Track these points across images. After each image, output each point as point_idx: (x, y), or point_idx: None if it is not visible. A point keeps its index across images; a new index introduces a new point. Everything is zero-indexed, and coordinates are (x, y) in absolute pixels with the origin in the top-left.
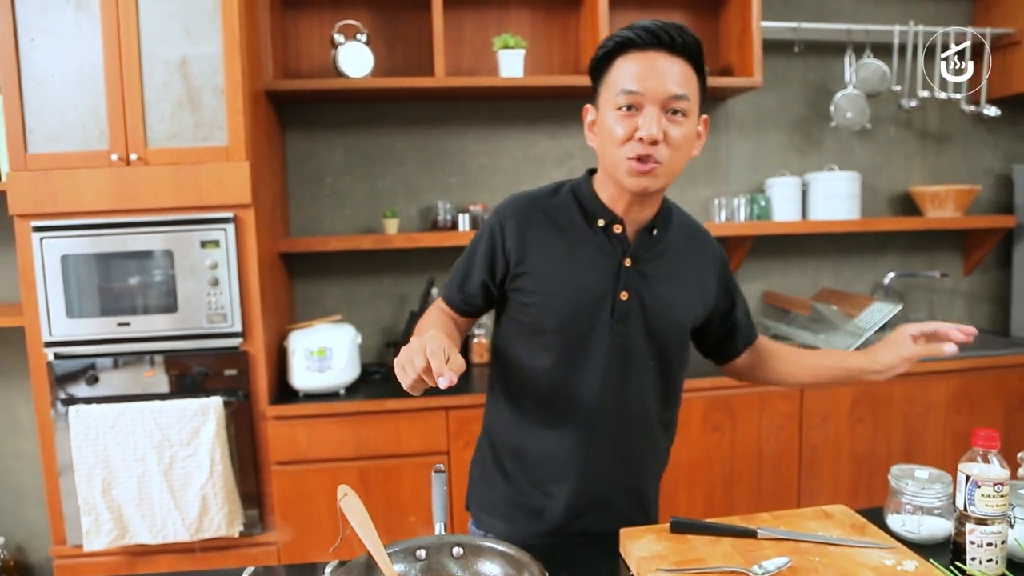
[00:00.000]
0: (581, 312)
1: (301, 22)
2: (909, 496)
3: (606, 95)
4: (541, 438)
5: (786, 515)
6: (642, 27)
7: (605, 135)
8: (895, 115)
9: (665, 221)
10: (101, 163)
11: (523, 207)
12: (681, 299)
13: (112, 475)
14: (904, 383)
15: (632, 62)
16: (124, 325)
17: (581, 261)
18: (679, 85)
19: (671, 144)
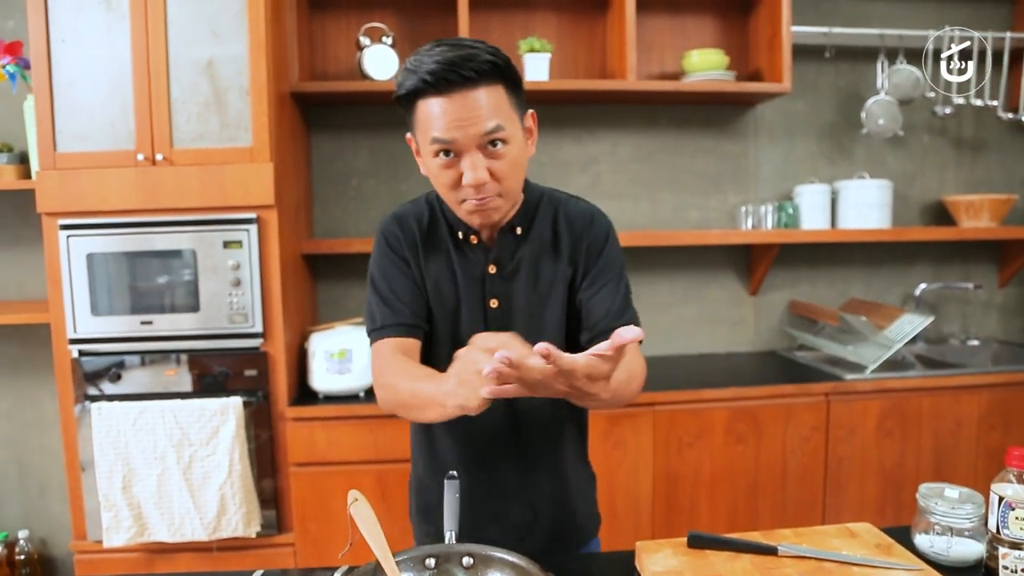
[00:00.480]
0: (463, 323)
1: (327, 25)
2: (938, 516)
3: (420, 136)
4: (447, 451)
5: (808, 532)
6: (429, 72)
7: (433, 179)
8: (929, 122)
9: (529, 214)
10: (128, 163)
11: (409, 221)
12: (548, 295)
13: (132, 472)
14: (934, 397)
15: (436, 106)
16: (147, 324)
17: (454, 273)
18: (491, 116)
19: (500, 176)
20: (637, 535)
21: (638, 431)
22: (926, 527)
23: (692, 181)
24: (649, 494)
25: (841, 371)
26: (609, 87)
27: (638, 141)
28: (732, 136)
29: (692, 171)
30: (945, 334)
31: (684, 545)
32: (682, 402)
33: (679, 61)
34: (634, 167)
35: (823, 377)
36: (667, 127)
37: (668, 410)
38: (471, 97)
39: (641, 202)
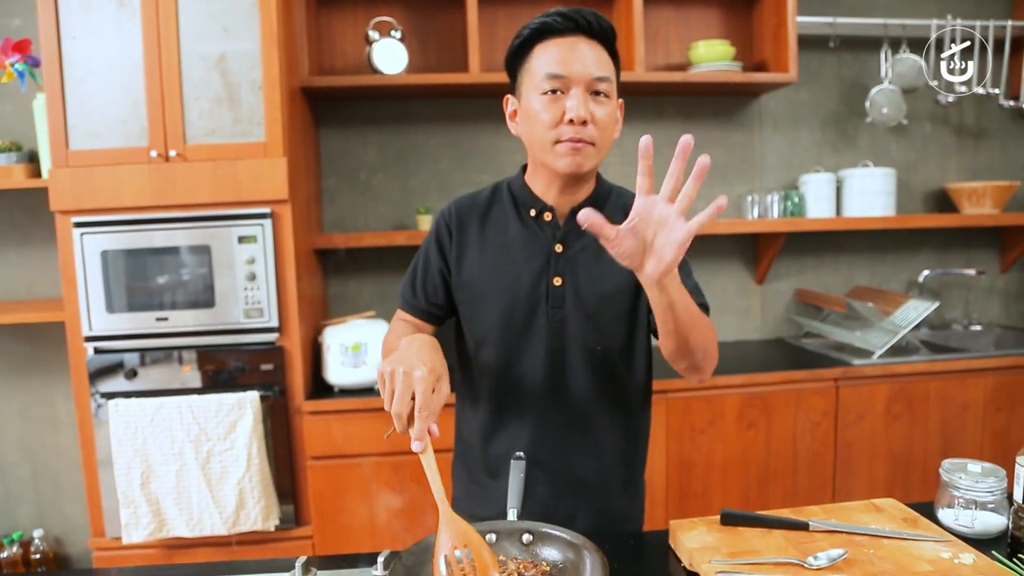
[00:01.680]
0: (517, 304)
1: (335, 19)
2: (962, 490)
3: (528, 81)
4: (496, 435)
5: (836, 508)
6: (558, 13)
7: (532, 120)
8: (932, 111)
9: (600, 203)
10: (140, 159)
11: (463, 208)
12: (616, 280)
13: (150, 468)
14: (941, 381)
15: (553, 47)
16: (162, 320)
17: (513, 253)
18: (600, 67)
19: (599, 124)
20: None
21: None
22: (949, 501)
23: None
24: (663, 480)
25: (848, 356)
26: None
27: (645, 132)
28: (738, 126)
29: None
30: (948, 320)
31: (717, 523)
32: (694, 389)
33: (685, 52)
34: None
35: (831, 363)
36: (674, 118)
37: (681, 397)
38: (588, 45)
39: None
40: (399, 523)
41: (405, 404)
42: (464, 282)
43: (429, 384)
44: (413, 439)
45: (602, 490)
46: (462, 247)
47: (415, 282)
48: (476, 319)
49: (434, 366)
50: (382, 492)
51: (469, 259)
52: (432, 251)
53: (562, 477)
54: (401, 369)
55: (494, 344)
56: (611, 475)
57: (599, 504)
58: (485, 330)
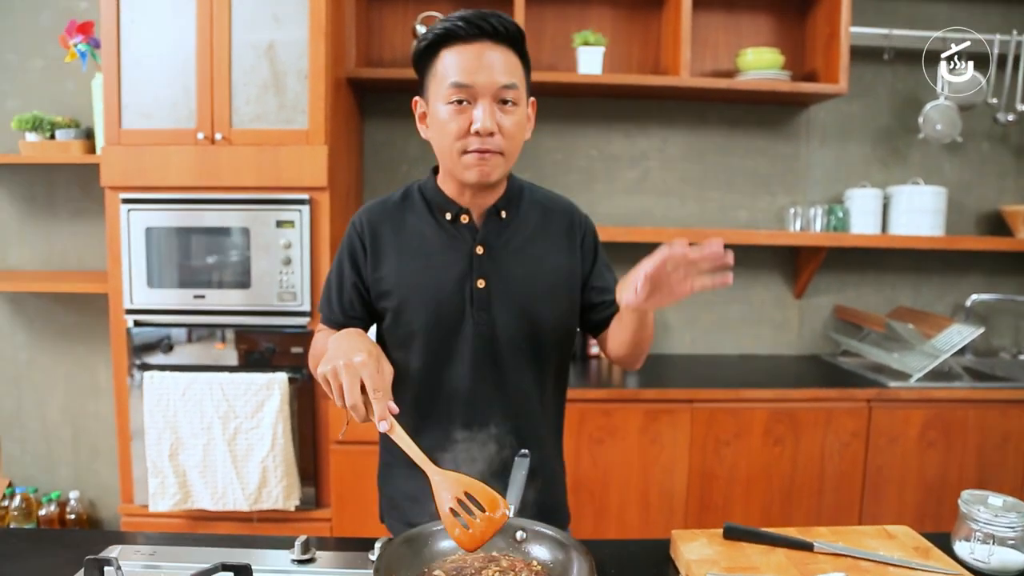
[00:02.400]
0: (443, 308)
1: (385, 12)
2: (981, 523)
3: (435, 88)
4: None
5: (845, 531)
6: (461, 18)
7: (439, 129)
8: (989, 129)
9: (514, 202)
10: (188, 141)
11: (376, 215)
12: (540, 278)
13: (179, 441)
14: (981, 409)
15: (458, 54)
16: (199, 298)
17: (434, 258)
18: (507, 74)
19: (506, 133)
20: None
21: (676, 427)
22: (967, 534)
23: (741, 181)
24: (683, 490)
25: (885, 378)
26: (662, 83)
27: (688, 139)
28: (784, 136)
29: (741, 170)
30: (996, 347)
31: (720, 536)
32: (721, 400)
33: (733, 59)
34: (683, 165)
35: (866, 383)
36: (718, 125)
37: (707, 408)
38: (494, 51)
39: (689, 200)
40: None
41: (357, 394)
42: (384, 291)
43: (372, 367)
44: (377, 421)
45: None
46: (377, 255)
47: (331, 296)
48: (399, 325)
49: (369, 349)
50: None
51: (387, 267)
52: (345, 264)
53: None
54: (341, 362)
55: (418, 350)
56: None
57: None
58: (408, 336)
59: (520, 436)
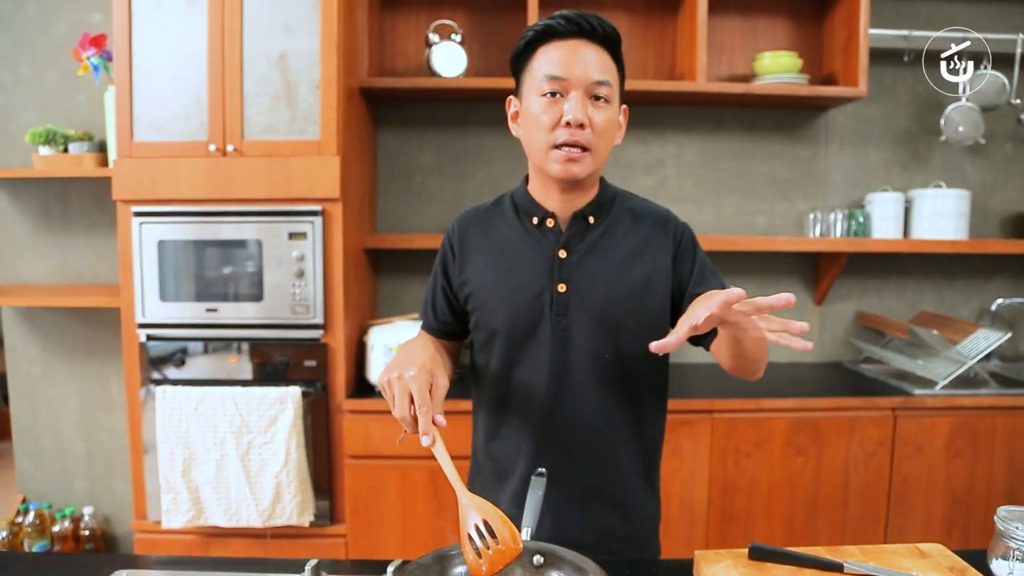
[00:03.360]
0: (522, 311)
1: (398, 21)
2: (1019, 541)
3: (529, 83)
4: (501, 442)
5: (876, 550)
6: (562, 16)
7: (530, 122)
8: (1013, 130)
9: (603, 208)
10: (199, 153)
11: (466, 221)
12: (624, 286)
13: (192, 456)
14: (1009, 417)
15: (555, 50)
16: (212, 311)
17: (515, 262)
18: (601, 71)
19: (596, 129)
20: (691, 543)
21: (695, 438)
22: (1004, 552)
23: (759, 186)
24: (704, 502)
25: (909, 386)
26: (678, 88)
27: (705, 144)
28: (802, 141)
29: (759, 176)
30: (1023, 352)
31: (745, 556)
32: (741, 410)
33: (750, 63)
34: (700, 171)
35: (890, 391)
36: (735, 130)
37: (727, 418)
38: (591, 49)
39: (706, 207)
40: (433, 527)
41: (406, 407)
42: (469, 293)
43: (423, 381)
44: (420, 435)
45: (613, 503)
46: (464, 261)
47: (427, 302)
48: (480, 327)
49: (424, 363)
50: (417, 496)
51: (473, 270)
52: (438, 271)
53: (570, 490)
54: (395, 374)
55: (497, 352)
56: (622, 487)
57: (610, 518)
58: (488, 338)
59: (593, 453)
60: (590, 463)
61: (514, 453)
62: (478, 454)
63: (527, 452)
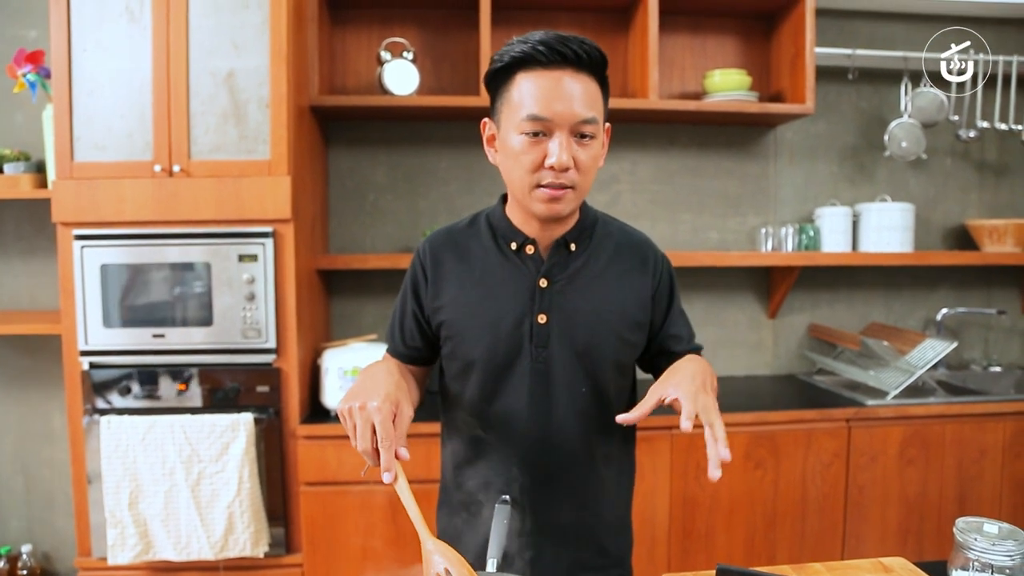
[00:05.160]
0: (500, 341)
1: (348, 39)
2: (977, 552)
3: (509, 115)
4: (474, 473)
5: (840, 567)
6: (542, 42)
7: (511, 159)
8: (952, 146)
9: (584, 235)
10: (144, 174)
11: (439, 242)
12: (607, 317)
13: (140, 488)
14: (958, 424)
15: (535, 82)
16: (159, 337)
17: (494, 288)
18: (587, 106)
19: (581, 168)
20: (652, 562)
21: (656, 455)
22: (964, 563)
23: (712, 202)
24: (665, 519)
25: (862, 396)
26: (631, 106)
27: (658, 161)
28: (753, 157)
29: (712, 192)
30: (967, 360)
31: None
32: (700, 426)
33: (700, 81)
34: (654, 187)
35: (844, 402)
36: (688, 147)
37: (686, 434)
38: (575, 80)
39: (660, 223)
40: (391, 554)
41: (367, 439)
42: (442, 320)
43: (386, 413)
44: (382, 471)
45: (587, 538)
46: (439, 285)
47: (394, 326)
48: (456, 357)
49: (388, 391)
50: (375, 521)
51: (447, 295)
52: (408, 293)
53: (543, 523)
54: (357, 404)
55: (474, 382)
56: (598, 521)
57: (584, 552)
58: (465, 368)
59: (573, 480)
60: (567, 496)
61: (488, 485)
62: (447, 483)
63: (501, 485)
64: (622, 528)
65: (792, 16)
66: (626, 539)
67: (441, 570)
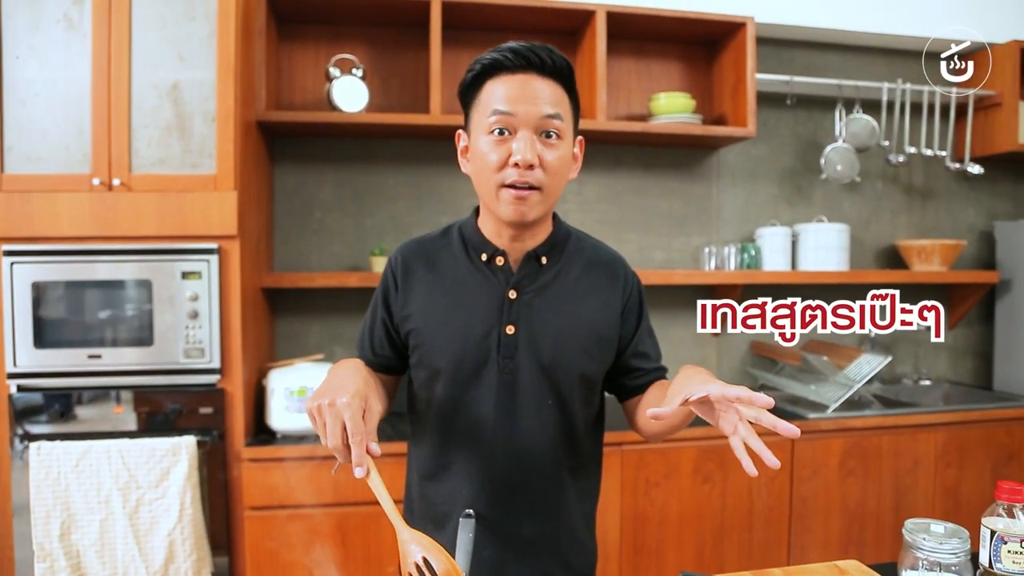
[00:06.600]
0: (468, 351)
1: (296, 55)
2: (925, 551)
3: (477, 119)
4: (440, 486)
5: (796, 571)
6: (510, 49)
7: (478, 161)
8: (883, 170)
9: (556, 249)
10: (82, 187)
11: (411, 251)
12: (573, 331)
13: (72, 518)
14: (893, 435)
15: (502, 84)
16: (95, 357)
17: (464, 299)
18: (552, 105)
19: (547, 168)
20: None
21: (606, 471)
22: (913, 563)
23: (657, 222)
24: (616, 535)
25: (804, 410)
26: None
27: (605, 181)
28: (696, 178)
29: (657, 212)
30: (899, 374)
31: None
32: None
33: (646, 103)
34: (601, 207)
35: (787, 417)
36: (633, 168)
37: (636, 450)
38: (540, 83)
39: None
40: None
41: (338, 436)
42: (411, 329)
43: (356, 409)
44: (353, 466)
45: (552, 551)
46: (408, 293)
47: (364, 333)
48: (422, 365)
49: (357, 389)
50: (325, 545)
51: (416, 304)
52: (379, 302)
53: (509, 537)
54: (326, 401)
55: (440, 392)
56: (564, 534)
57: (547, 564)
58: (431, 377)
59: (539, 493)
60: (533, 509)
61: (453, 497)
62: (412, 496)
63: (467, 496)
64: (586, 542)
65: (734, 43)
66: (590, 553)
67: (419, 559)
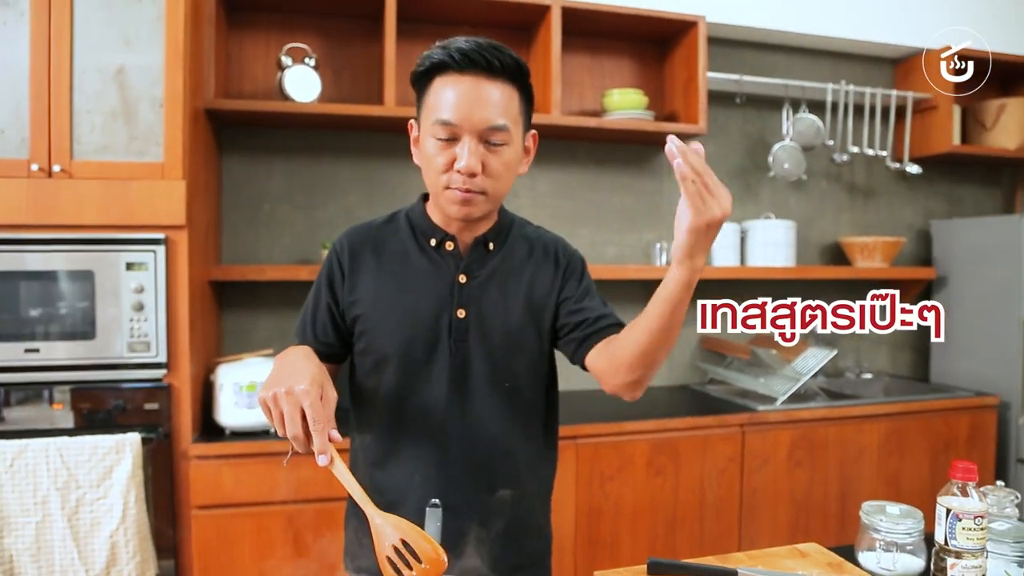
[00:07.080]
0: (419, 334)
1: (246, 43)
2: (882, 532)
3: (426, 117)
4: (390, 473)
5: (760, 555)
6: (458, 50)
7: (425, 160)
8: (827, 168)
9: (502, 235)
10: (19, 173)
11: (357, 236)
12: (522, 312)
13: (6, 520)
14: (839, 426)
15: (449, 87)
16: (32, 351)
17: (414, 283)
18: (498, 114)
19: (491, 174)
20: (561, 571)
21: (561, 464)
22: (870, 544)
23: (610, 217)
24: (571, 529)
25: (753, 403)
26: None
27: (559, 176)
28: (648, 174)
29: (610, 207)
30: (841, 368)
31: (644, 572)
32: (605, 435)
33: (599, 99)
34: (554, 202)
35: (738, 409)
36: (587, 164)
37: (590, 443)
38: (487, 87)
39: None
40: None
41: (298, 424)
42: (358, 314)
43: (315, 395)
44: (317, 454)
45: (508, 534)
46: (355, 278)
47: (305, 320)
48: (370, 351)
49: (314, 375)
50: (276, 544)
51: (363, 289)
52: (323, 287)
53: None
54: (282, 389)
55: (390, 377)
56: (519, 519)
57: (504, 549)
58: (380, 362)
59: (493, 477)
60: (487, 494)
61: (404, 484)
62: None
63: (419, 482)
64: (542, 525)
65: (685, 42)
66: (546, 537)
67: (396, 541)
